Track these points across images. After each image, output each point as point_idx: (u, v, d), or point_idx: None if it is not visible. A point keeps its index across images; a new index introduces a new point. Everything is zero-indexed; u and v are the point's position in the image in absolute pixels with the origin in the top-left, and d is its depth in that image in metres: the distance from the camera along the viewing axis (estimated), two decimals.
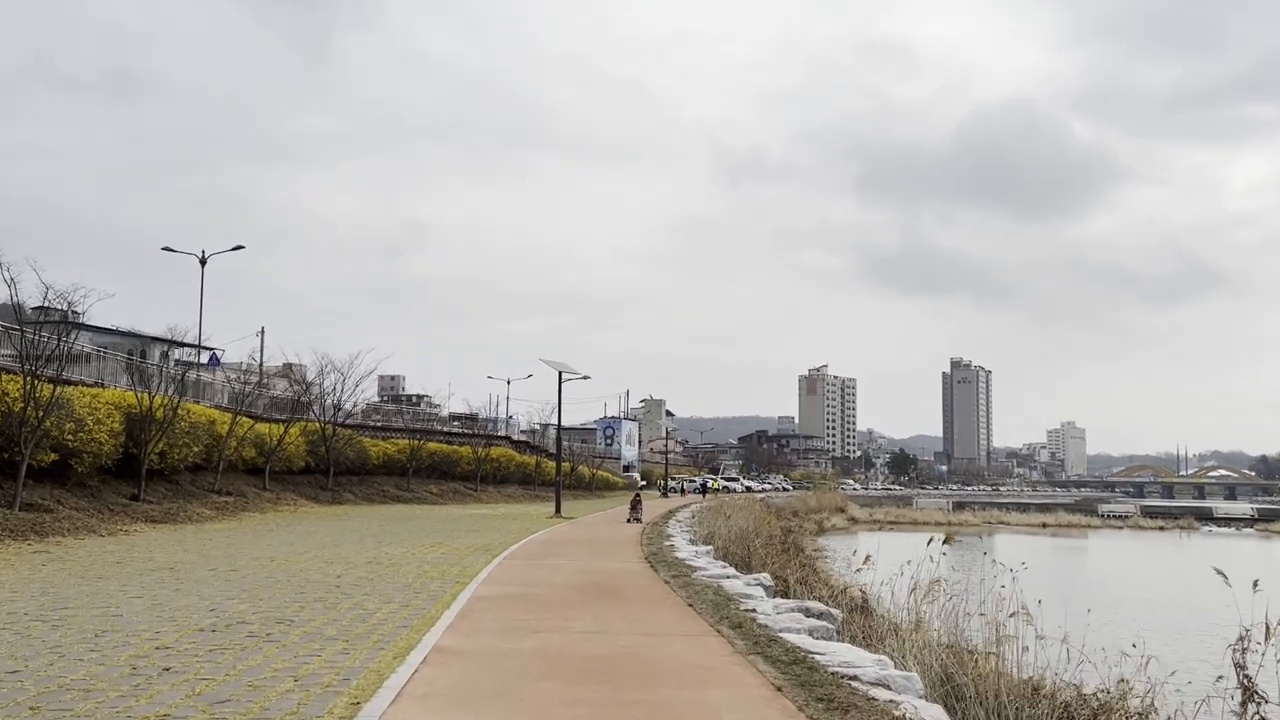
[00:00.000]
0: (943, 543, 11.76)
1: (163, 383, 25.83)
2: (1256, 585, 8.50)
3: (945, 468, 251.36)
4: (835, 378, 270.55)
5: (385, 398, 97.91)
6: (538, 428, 74.43)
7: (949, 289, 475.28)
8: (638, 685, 6.50)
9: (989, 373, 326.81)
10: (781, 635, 8.32)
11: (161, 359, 35.56)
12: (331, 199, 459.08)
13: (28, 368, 19.05)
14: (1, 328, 23.00)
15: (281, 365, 46.94)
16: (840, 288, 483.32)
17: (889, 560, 13.91)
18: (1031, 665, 9.34)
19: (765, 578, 14.17)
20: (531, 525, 25.90)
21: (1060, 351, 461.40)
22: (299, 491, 33.37)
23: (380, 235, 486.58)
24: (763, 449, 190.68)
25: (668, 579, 12.94)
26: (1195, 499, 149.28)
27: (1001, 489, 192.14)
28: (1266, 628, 8.35)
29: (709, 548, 19.41)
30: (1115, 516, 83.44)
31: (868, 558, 13.87)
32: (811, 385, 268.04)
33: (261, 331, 50.03)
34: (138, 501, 22.40)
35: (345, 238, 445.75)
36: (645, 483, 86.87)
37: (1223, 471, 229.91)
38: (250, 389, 36.07)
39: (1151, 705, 8.72)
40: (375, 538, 19.55)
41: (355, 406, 45.84)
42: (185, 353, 39.03)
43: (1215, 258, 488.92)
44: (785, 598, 13.51)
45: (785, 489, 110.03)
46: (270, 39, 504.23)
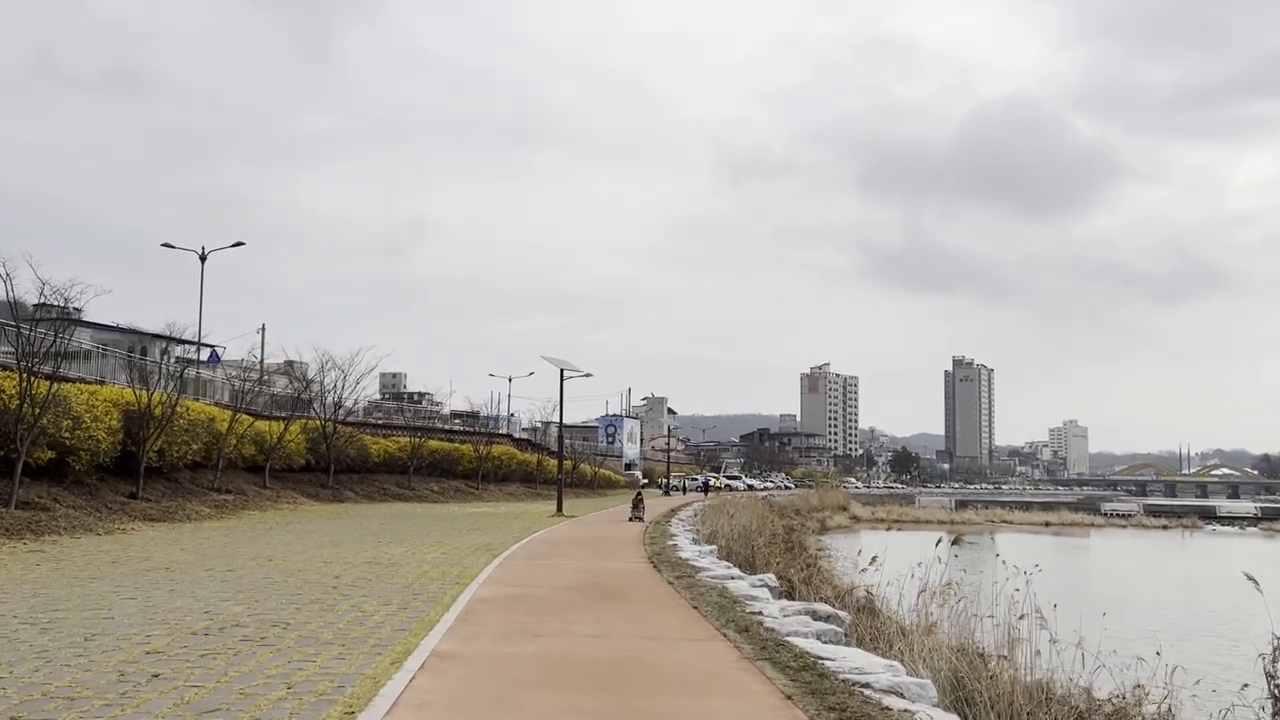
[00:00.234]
0: (952, 543, 11.54)
1: (161, 379, 25.64)
2: None
3: (947, 466, 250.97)
4: (837, 376, 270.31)
5: (386, 395, 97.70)
6: (539, 426, 74.30)
7: (951, 287, 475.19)
8: (642, 693, 6.29)
9: (991, 371, 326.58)
10: (789, 639, 8.11)
11: (162, 356, 35.35)
12: (332, 198, 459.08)
13: (24, 365, 18.87)
14: None
15: (282, 363, 46.79)
16: (842, 286, 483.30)
17: (893, 560, 13.71)
18: (1045, 669, 9.13)
19: (770, 578, 13.95)
20: (533, 524, 25.70)
21: (1062, 350, 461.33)
22: (299, 489, 33.19)
23: (381, 234, 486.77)
24: (764, 447, 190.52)
25: (671, 580, 12.73)
26: (1198, 498, 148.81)
27: (1003, 487, 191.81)
28: None
29: (712, 547, 19.20)
30: (1118, 515, 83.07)
31: (874, 558, 13.66)
32: (813, 383, 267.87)
33: (262, 328, 49.87)
34: (136, 500, 22.19)
35: (346, 237, 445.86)
36: (647, 481, 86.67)
37: (1225, 470, 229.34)
38: (250, 386, 35.89)
39: (1169, 712, 8.50)
40: (375, 537, 19.36)
41: (356, 404, 45.68)
42: (186, 350, 38.86)
43: (1216, 257, 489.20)
44: (790, 599, 13.31)
45: (787, 487, 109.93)
46: (271, 38, 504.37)
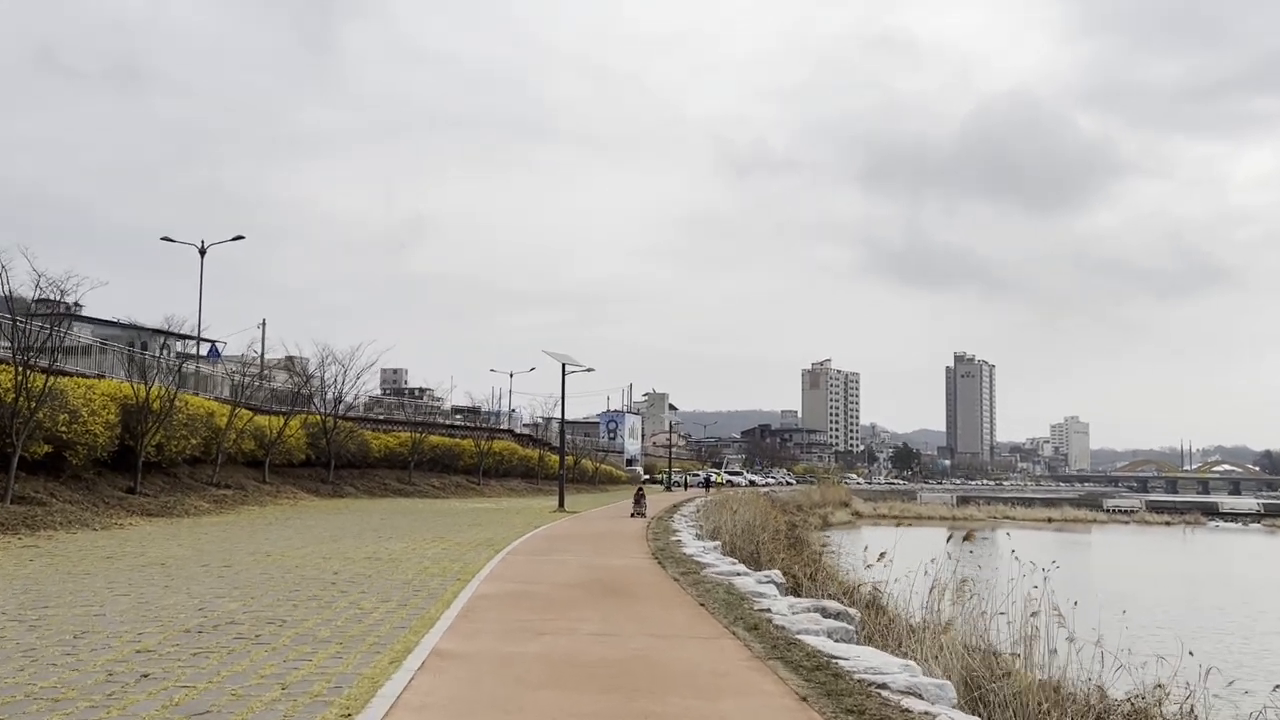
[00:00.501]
0: (964, 539, 11.30)
1: (159, 374, 25.41)
2: None
3: (948, 462, 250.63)
4: (838, 372, 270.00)
5: (387, 390, 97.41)
6: (540, 421, 74.12)
7: (952, 283, 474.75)
8: (649, 694, 6.04)
9: (992, 367, 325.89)
10: (800, 637, 7.87)
11: (161, 350, 35.11)
12: (333, 194, 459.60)
13: (20, 358, 18.64)
14: None
15: (283, 357, 46.57)
16: (843, 282, 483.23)
17: (897, 556, 13.46)
18: (1061, 668, 8.90)
19: (776, 574, 13.72)
20: (535, 519, 25.48)
21: (1063, 346, 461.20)
22: (299, 484, 32.96)
23: (382, 230, 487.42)
24: (766, 443, 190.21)
25: (676, 576, 12.50)
26: (1200, 494, 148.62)
27: (1005, 484, 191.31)
28: None
29: (716, 543, 18.96)
30: (1120, 511, 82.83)
31: (882, 554, 13.40)
32: (814, 379, 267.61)
33: (263, 323, 49.56)
34: (134, 494, 21.97)
35: (347, 233, 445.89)
36: (648, 476, 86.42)
37: (1227, 466, 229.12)
38: (250, 380, 35.65)
39: (1191, 712, 8.26)
40: (375, 532, 19.14)
41: (357, 399, 45.49)
42: (186, 345, 38.61)
43: (1218, 253, 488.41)
44: (797, 595, 13.07)
45: (788, 483, 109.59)
46: (273, 33, 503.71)
